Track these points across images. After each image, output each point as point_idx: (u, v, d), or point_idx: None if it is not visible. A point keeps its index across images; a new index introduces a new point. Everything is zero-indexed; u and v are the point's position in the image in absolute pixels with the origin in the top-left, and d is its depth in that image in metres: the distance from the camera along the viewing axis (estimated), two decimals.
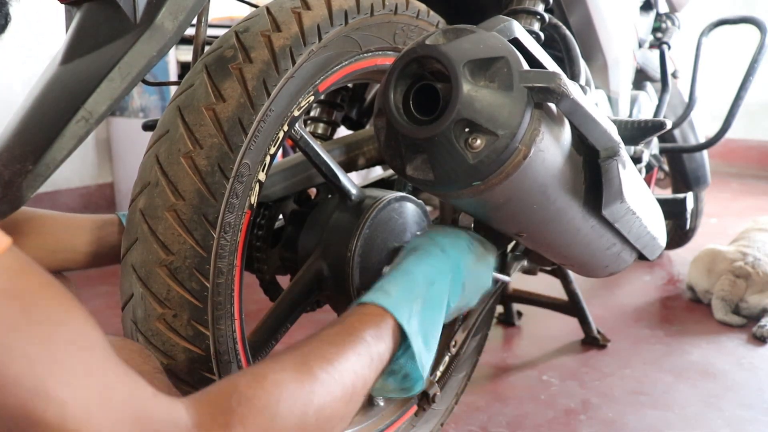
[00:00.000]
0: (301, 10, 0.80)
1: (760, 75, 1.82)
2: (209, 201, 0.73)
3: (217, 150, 0.73)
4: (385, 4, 0.90)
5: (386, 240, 0.99)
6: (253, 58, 0.76)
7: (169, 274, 0.72)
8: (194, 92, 0.75)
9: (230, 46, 0.77)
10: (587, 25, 1.27)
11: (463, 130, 0.65)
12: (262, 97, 0.75)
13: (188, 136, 0.73)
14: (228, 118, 0.73)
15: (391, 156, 0.71)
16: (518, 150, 0.66)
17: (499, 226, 0.85)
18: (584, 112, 0.71)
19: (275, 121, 0.78)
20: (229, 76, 0.74)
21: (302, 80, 0.80)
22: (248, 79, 0.74)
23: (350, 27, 0.85)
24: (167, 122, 0.75)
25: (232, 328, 0.79)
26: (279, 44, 0.77)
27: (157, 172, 0.73)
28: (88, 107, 0.62)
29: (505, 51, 0.67)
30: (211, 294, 0.74)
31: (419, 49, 0.67)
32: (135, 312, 0.74)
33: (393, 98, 0.68)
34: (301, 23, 0.79)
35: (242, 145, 0.74)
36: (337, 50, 0.84)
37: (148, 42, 0.65)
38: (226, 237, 0.75)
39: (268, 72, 0.76)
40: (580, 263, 1.06)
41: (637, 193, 0.94)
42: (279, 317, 0.96)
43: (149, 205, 0.73)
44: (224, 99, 0.74)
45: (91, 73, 0.64)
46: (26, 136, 0.63)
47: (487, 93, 0.65)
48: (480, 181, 0.67)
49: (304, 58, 0.79)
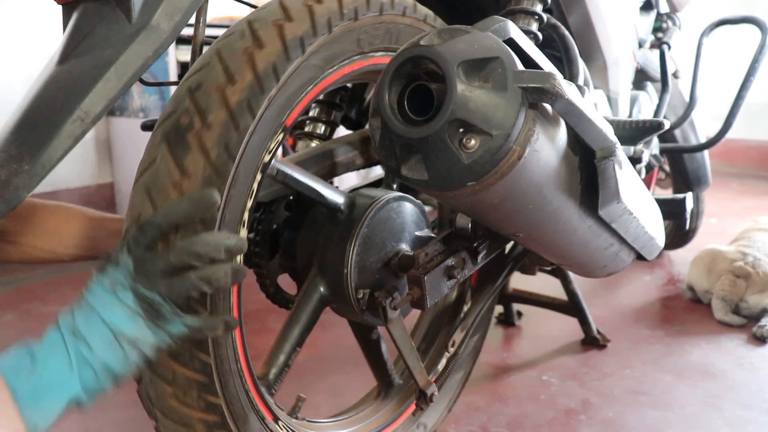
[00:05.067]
0: (254, 50, 0.75)
1: (761, 75, 1.81)
2: None
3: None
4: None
5: (384, 242, 1.00)
6: (210, 122, 0.72)
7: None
8: (157, 170, 0.72)
9: (185, 110, 0.72)
10: (586, 25, 1.27)
11: (458, 130, 0.65)
12: (227, 164, 0.73)
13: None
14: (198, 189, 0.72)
15: (386, 156, 0.71)
16: (513, 150, 0.66)
17: (496, 226, 0.85)
18: (579, 113, 0.71)
19: (246, 176, 0.76)
20: (189, 150, 0.71)
21: (266, 127, 0.77)
22: (209, 147, 0.71)
23: (308, 54, 0.81)
24: (136, 202, 0.73)
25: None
26: (234, 100, 0.73)
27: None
28: (84, 107, 0.63)
29: (499, 51, 0.67)
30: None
31: (413, 49, 0.67)
32: None
33: (387, 98, 0.68)
34: (255, 68, 0.75)
35: (216, 219, 0.73)
36: (297, 86, 0.80)
37: (144, 42, 0.66)
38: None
39: (228, 134, 0.72)
40: (578, 263, 1.06)
41: (634, 194, 0.94)
42: (290, 342, 0.99)
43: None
44: (189, 175, 0.71)
45: (88, 73, 0.64)
46: (23, 136, 0.64)
47: (481, 93, 0.65)
48: (474, 182, 0.68)
49: (264, 107, 0.76)
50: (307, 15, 0.80)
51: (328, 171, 1.13)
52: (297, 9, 0.80)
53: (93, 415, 1.42)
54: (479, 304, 1.23)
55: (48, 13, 2.51)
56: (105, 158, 2.98)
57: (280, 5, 0.80)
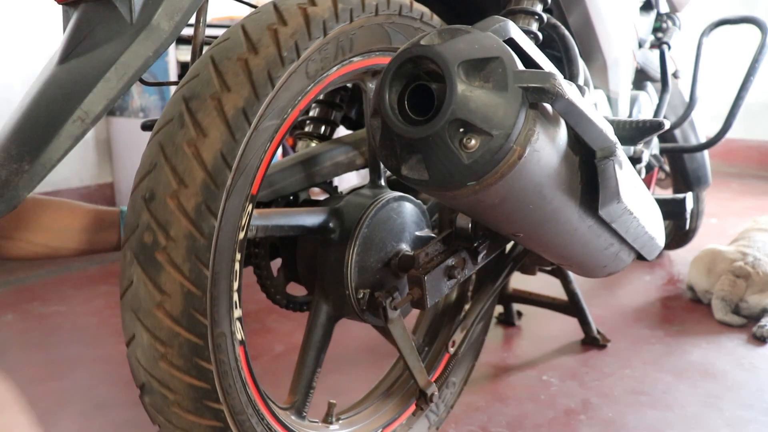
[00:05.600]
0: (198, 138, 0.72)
1: (761, 75, 1.81)
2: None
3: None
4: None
5: (384, 246, 1.00)
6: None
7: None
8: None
9: (157, 182, 0.71)
10: (586, 25, 1.27)
11: (458, 130, 0.65)
12: (208, 243, 0.72)
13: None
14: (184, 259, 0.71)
15: (387, 156, 0.71)
16: (513, 150, 0.66)
17: (496, 226, 0.85)
18: (579, 112, 0.71)
19: (227, 249, 0.75)
20: (159, 261, 0.70)
21: (237, 200, 0.75)
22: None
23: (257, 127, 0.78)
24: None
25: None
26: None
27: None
28: (84, 107, 0.63)
29: (499, 51, 0.67)
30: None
31: (414, 49, 0.67)
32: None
33: (388, 98, 0.68)
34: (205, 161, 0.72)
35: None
36: (260, 143, 0.77)
37: (144, 42, 0.65)
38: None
39: (203, 222, 0.71)
40: (578, 263, 1.06)
41: (634, 193, 0.94)
42: (308, 367, 1.02)
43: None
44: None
45: (88, 73, 0.64)
46: (23, 136, 0.64)
47: (481, 93, 0.65)
48: (475, 182, 0.67)
49: (228, 192, 0.74)
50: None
51: (328, 172, 1.14)
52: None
53: (93, 415, 1.42)
54: (479, 304, 1.23)
55: (48, 13, 2.52)
56: (105, 158, 2.98)
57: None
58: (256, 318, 1.91)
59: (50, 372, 1.63)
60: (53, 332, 1.89)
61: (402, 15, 0.94)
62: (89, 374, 1.62)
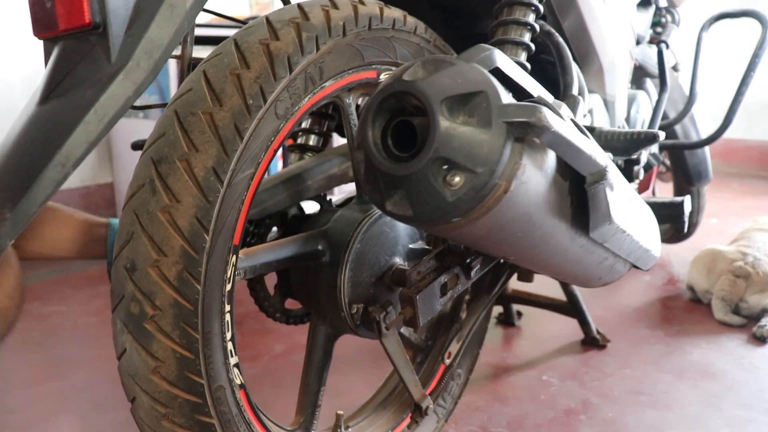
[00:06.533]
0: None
1: (761, 74, 1.79)
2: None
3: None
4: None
5: (377, 261, 0.99)
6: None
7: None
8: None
9: (136, 252, 0.70)
10: (581, 29, 1.25)
11: (441, 167, 0.64)
12: (194, 308, 0.72)
13: None
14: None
15: (371, 190, 0.70)
16: (498, 185, 0.66)
17: (486, 251, 0.85)
18: (567, 143, 0.70)
19: (215, 306, 0.74)
20: (148, 330, 0.70)
21: (219, 258, 0.74)
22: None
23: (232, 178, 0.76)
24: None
25: None
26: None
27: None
28: (64, 152, 0.62)
29: (484, 85, 0.66)
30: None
31: (396, 84, 0.66)
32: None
33: (371, 135, 0.67)
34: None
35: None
36: (236, 196, 0.75)
37: (122, 84, 0.65)
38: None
39: (187, 290, 0.70)
40: (573, 278, 1.05)
41: (627, 211, 0.93)
42: (312, 387, 1.02)
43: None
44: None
45: (68, 116, 0.64)
46: (3, 182, 0.63)
47: (465, 130, 0.64)
48: (460, 217, 0.67)
49: (209, 254, 0.73)
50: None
51: (320, 186, 1.13)
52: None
53: (93, 415, 1.43)
54: (475, 314, 1.22)
55: None
56: (105, 158, 2.98)
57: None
58: (256, 318, 1.92)
59: (50, 372, 1.65)
60: (53, 332, 1.90)
61: (372, 29, 0.90)
62: (89, 374, 1.63)
